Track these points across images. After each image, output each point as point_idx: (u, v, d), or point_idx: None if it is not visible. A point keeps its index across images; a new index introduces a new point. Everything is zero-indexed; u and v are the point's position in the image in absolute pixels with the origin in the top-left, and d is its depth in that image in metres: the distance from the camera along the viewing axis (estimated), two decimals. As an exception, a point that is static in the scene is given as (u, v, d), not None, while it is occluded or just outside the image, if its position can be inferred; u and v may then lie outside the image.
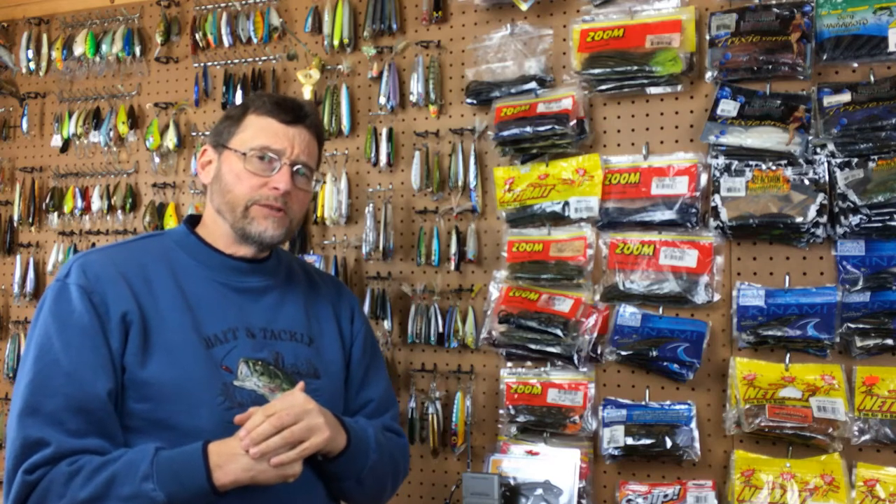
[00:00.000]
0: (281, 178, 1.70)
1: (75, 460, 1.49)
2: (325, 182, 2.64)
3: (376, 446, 1.77)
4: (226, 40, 2.85)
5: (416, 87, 2.57)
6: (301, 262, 2.01)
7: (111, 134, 3.02)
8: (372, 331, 2.02)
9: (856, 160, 2.05)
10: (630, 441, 2.19)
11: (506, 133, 2.37)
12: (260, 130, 1.73)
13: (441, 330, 2.49)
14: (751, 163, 2.15)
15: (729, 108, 2.17)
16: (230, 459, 1.48)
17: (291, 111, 1.75)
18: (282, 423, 1.50)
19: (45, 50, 3.17)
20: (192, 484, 1.46)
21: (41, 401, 1.51)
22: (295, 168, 1.73)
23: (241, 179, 1.70)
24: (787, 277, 2.15)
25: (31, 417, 1.51)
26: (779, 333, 2.08)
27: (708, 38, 2.23)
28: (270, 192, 1.70)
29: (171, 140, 2.91)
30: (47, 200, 3.12)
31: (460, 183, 2.49)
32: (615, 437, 2.22)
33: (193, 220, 1.82)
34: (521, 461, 2.32)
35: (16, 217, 3.17)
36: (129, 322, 1.58)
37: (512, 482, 2.28)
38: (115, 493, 1.45)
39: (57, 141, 3.13)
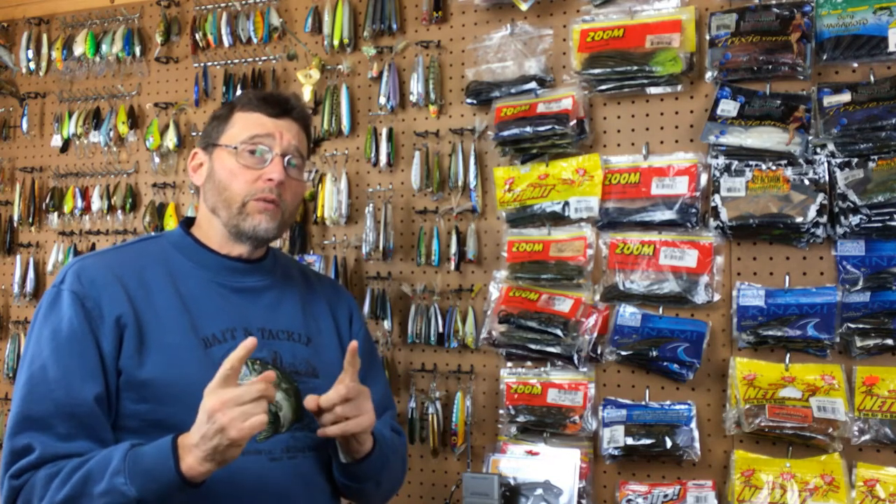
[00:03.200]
0: (274, 169, 1.72)
1: (56, 464, 1.49)
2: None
3: (392, 447, 1.82)
4: (226, 40, 2.85)
5: (416, 87, 2.57)
6: (298, 263, 2.03)
7: (111, 134, 3.02)
8: (369, 332, 2.02)
9: (856, 160, 2.05)
10: (630, 441, 2.19)
11: (506, 133, 2.37)
12: (248, 124, 1.75)
13: (441, 330, 2.49)
14: (751, 163, 2.15)
15: (729, 108, 2.17)
16: (190, 449, 1.43)
17: (278, 104, 1.78)
18: (348, 394, 1.61)
19: (45, 50, 3.17)
20: (163, 476, 1.43)
21: (31, 407, 1.54)
22: (286, 159, 1.75)
23: (236, 175, 1.72)
24: (787, 277, 2.15)
25: (20, 424, 1.54)
26: (779, 333, 2.08)
27: (708, 38, 2.23)
28: (265, 184, 1.71)
29: (171, 140, 2.91)
30: (47, 200, 3.12)
31: (460, 183, 2.49)
32: (615, 437, 2.22)
33: (189, 222, 1.83)
34: (521, 461, 2.31)
35: (16, 217, 3.17)
36: (124, 325, 1.59)
37: (512, 482, 2.28)
38: (89, 490, 1.45)
39: (57, 141, 3.13)
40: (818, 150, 2.10)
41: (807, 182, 2.08)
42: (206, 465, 1.43)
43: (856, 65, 2.11)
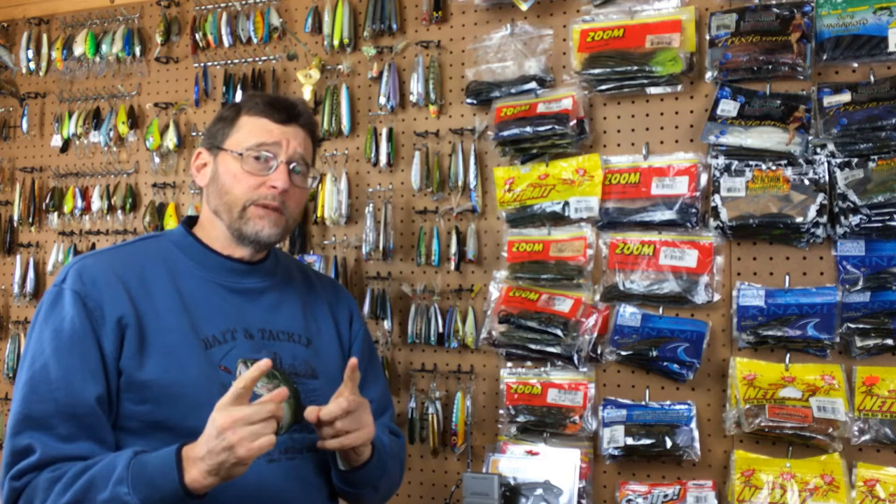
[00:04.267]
0: (278, 177, 1.71)
1: (58, 467, 1.49)
2: (321, 179, 2.64)
3: (390, 452, 1.81)
4: (226, 40, 2.85)
5: (416, 87, 2.57)
6: (299, 263, 2.02)
7: (111, 134, 3.02)
8: (369, 333, 2.02)
9: (856, 160, 2.05)
10: (630, 441, 2.19)
11: (506, 133, 2.37)
12: (254, 130, 1.73)
13: (441, 330, 2.49)
14: (751, 163, 2.15)
15: (729, 108, 2.17)
16: (195, 461, 1.43)
17: (285, 110, 1.76)
18: (349, 407, 1.59)
19: (45, 50, 3.17)
20: (165, 487, 1.43)
21: (32, 407, 1.53)
22: (291, 166, 1.74)
23: (239, 180, 1.71)
24: (787, 277, 2.15)
25: (21, 424, 1.53)
26: (779, 333, 2.08)
27: (708, 38, 2.23)
28: (268, 191, 1.70)
29: (171, 140, 2.91)
30: (47, 200, 3.12)
31: (460, 183, 2.49)
32: (615, 437, 2.22)
33: (191, 222, 1.82)
34: (521, 461, 2.31)
35: (16, 217, 3.17)
36: (125, 325, 1.59)
37: (512, 482, 2.27)
38: (91, 497, 1.45)
39: (57, 141, 3.13)
40: (818, 150, 2.10)
41: (807, 182, 2.08)
42: (210, 479, 1.43)
43: (856, 65, 2.11)
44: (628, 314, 2.27)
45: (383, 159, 2.60)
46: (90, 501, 1.44)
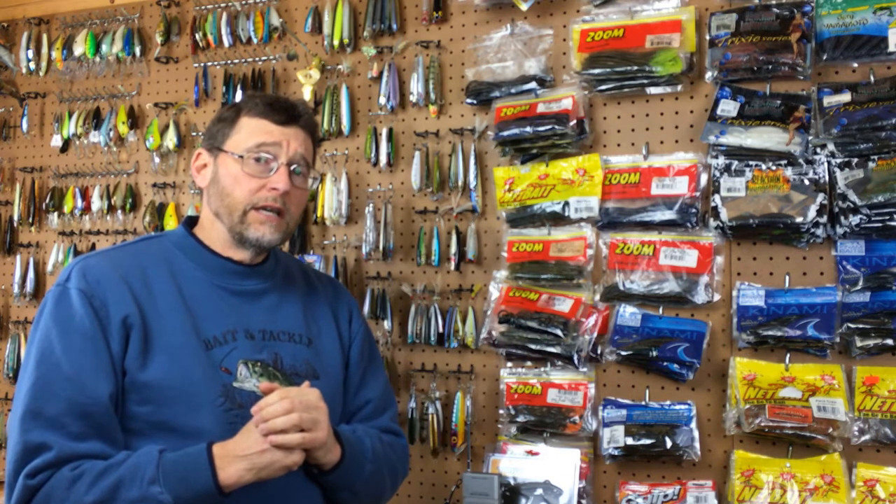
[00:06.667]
0: (279, 179, 1.70)
1: (77, 465, 1.49)
2: (323, 181, 2.64)
3: (372, 456, 1.77)
4: (226, 40, 2.85)
5: (416, 87, 2.57)
6: (299, 263, 2.02)
7: (111, 134, 3.02)
8: (370, 332, 2.02)
9: (856, 160, 2.05)
10: (630, 441, 2.19)
11: (506, 133, 2.37)
12: (255, 132, 1.72)
13: (441, 330, 2.49)
14: (751, 163, 2.15)
15: (729, 108, 2.17)
16: (234, 459, 1.49)
17: (285, 111, 1.75)
18: (293, 407, 1.51)
19: (45, 50, 3.17)
20: (199, 485, 1.47)
21: (43, 405, 1.52)
22: (292, 167, 1.73)
23: (240, 182, 1.70)
24: (787, 277, 2.15)
25: (32, 421, 1.51)
26: (779, 333, 2.08)
27: (708, 38, 2.23)
28: (269, 193, 1.70)
29: (171, 140, 2.91)
30: (47, 200, 3.12)
31: (460, 183, 2.49)
32: (615, 437, 2.22)
33: (192, 222, 1.82)
34: (521, 461, 2.32)
35: (16, 217, 3.17)
36: (130, 325, 1.59)
37: (512, 482, 2.28)
38: (121, 496, 1.46)
39: (57, 141, 3.13)
40: (818, 150, 2.10)
41: (807, 182, 2.08)
42: (248, 476, 1.50)
43: (856, 65, 2.11)
44: (628, 314, 2.27)
45: (383, 159, 2.60)
46: (118, 500, 1.45)
